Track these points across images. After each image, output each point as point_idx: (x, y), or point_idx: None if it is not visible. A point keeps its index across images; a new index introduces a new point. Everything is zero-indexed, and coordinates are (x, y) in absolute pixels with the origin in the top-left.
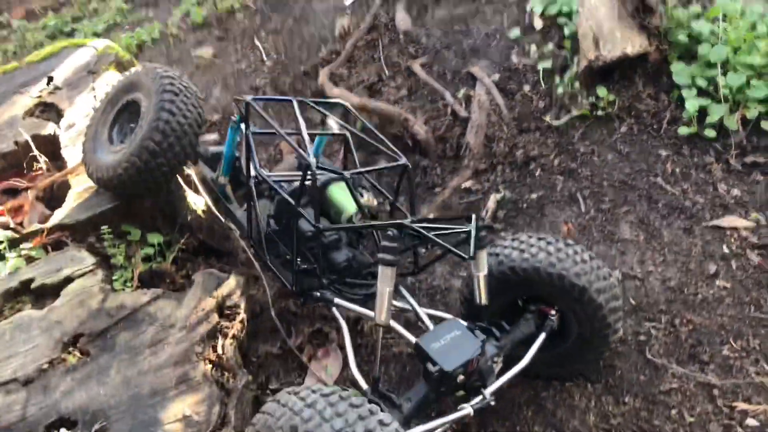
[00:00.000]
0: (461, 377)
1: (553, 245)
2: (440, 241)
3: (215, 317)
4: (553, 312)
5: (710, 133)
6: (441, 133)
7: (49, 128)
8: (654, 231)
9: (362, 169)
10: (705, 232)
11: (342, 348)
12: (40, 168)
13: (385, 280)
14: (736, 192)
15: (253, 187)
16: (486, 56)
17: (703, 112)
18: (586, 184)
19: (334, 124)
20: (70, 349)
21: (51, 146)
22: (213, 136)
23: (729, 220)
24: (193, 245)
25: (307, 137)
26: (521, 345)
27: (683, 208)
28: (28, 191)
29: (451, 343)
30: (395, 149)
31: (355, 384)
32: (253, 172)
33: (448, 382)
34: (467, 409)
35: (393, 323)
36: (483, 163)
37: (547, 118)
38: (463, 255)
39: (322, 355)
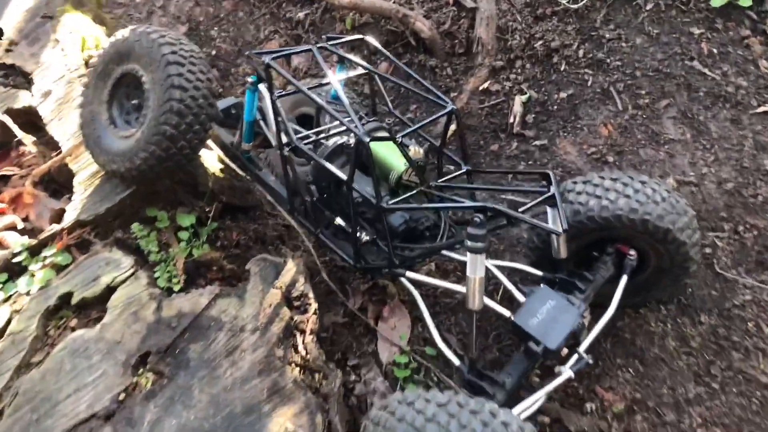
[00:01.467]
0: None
1: (630, 186)
2: (529, 219)
3: (286, 312)
4: (632, 252)
5: (744, 0)
6: (446, 27)
7: (21, 98)
8: (700, 126)
9: (411, 128)
10: (754, 120)
11: (404, 302)
12: (26, 150)
13: (475, 267)
14: None
15: (290, 156)
16: None
17: None
18: (618, 76)
19: (359, 61)
20: (141, 370)
21: (29, 118)
22: None
23: None
24: (218, 209)
25: (345, 100)
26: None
27: (726, 96)
28: (24, 180)
29: (549, 316)
30: (436, 91)
31: (429, 342)
32: (284, 140)
33: (552, 357)
34: (567, 372)
35: (487, 300)
36: (499, 60)
37: (563, 0)
38: (556, 230)
39: (387, 314)
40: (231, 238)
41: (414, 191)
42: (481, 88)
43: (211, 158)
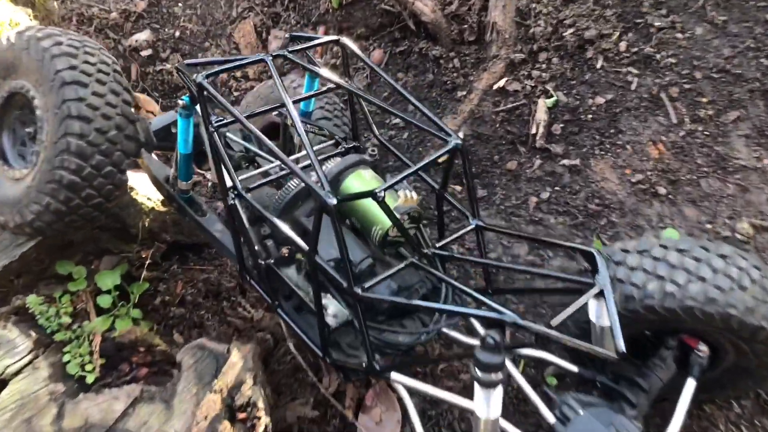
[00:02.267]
0: None
1: (705, 263)
2: (572, 340)
3: (226, 428)
4: (702, 348)
5: None
6: (454, 9)
7: None
8: None
9: (400, 176)
10: None
11: (393, 389)
12: None
13: (487, 405)
14: None
15: (237, 204)
16: None
17: None
18: (671, 77)
19: (329, 75)
20: None
21: None
22: (146, 34)
23: None
24: (161, 251)
25: (305, 139)
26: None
27: None
28: None
29: None
30: (436, 119)
31: None
32: (229, 183)
33: None
34: None
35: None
36: (519, 51)
37: None
38: (610, 354)
39: (371, 403)
40: (174, 293)
41: (402, 265)
42: (495, 87)
43: (147, 186)
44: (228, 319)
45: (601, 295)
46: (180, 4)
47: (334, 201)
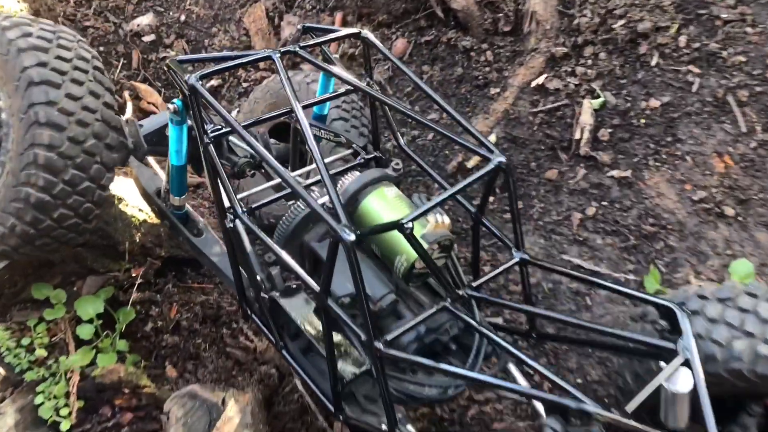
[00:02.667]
0: None
1: None
2: None
3: None
4: None
5: None
6: None
7: None
8: None
9: (433, 202)
10: None
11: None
12: None
13: None
14: None
15: (237, 227)
16: None
17: None
18: (740, 78)
19: (347, 76)
20: None
21: None
22: (149, 18)
23: None
24: (155, 268)
25: (317, 154)
26: None
27: None
28: None
29: None
30: (475, 131)
31: None
32: (227, 203)
33: None
34: None
35: None
36: (561, 44)
37: None
38: None
39: None
40: (167, 317)
41: (434, 310)
42: (533, 84)
43: (138, 197)
44: (227, 350)
45: (685, 364)
46: None
47: (352, 237)
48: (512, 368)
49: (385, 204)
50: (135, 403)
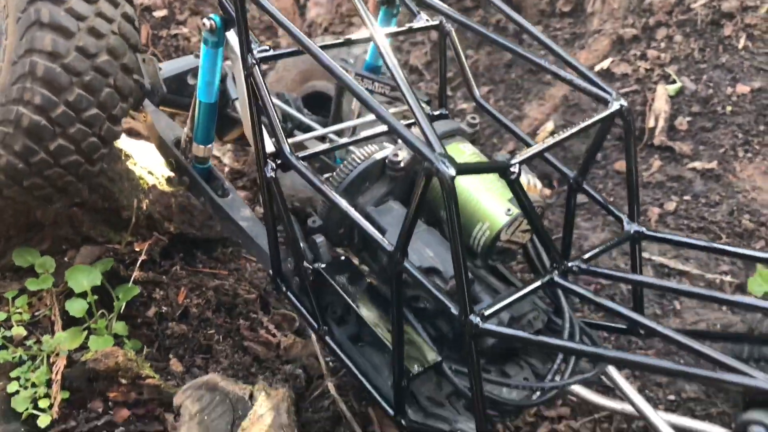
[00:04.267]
0: None
1: None
2: None
3: None
4: None
5: None
6: None
7: None
8: None
9: (540, 147)
10: None
11: None
12: None
13: None
14: None
15: (274, 182)
16: None
17: None
18: None
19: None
20: None
21: None
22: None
23: None
24: (162, 245)
25: (399, 73)
26: None
27: None
28: None
29: None
30: (588, 72)
31: None
32: (270, 148)
33: None
34: None
35: None
36: (630, 25)
37: None
38: None
39: None
40: (175, 303)
41: (539, 283)
42: (598, 69)
43: (152, 163)
44: (245, 344)
45: None
46: None
47: (452, 171)
48: (614, 373)
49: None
50: (134, 398)
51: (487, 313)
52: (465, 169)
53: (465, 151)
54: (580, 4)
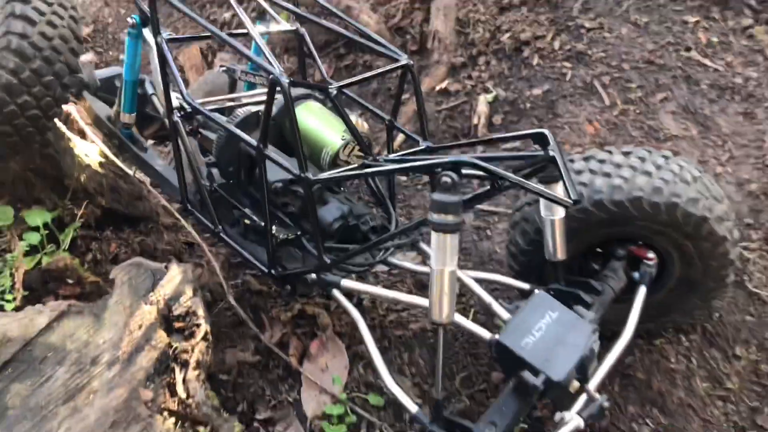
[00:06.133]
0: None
1: (649, 161)
2: (526, 183)
3: (162, 336)
4: (650, 255)
5: None
6: (397, 21)
7: None
8: (706, 121)
9: (351, 79)
10: None
11: (340, 335)
12: None
13: (443, 254)
14: None
15: (180, 124)
16: None
17: None
18: (602, 69)
19: (279, 19)
20: None
21: None
22: (89, 56)
23: None
24: (96, 215)
25: (259, 39)
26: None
27: (735, 88)
28: None
29: (550, 334)
30: (386, 43)
31: (374, 388)
32: (176, 102)
33: (560, 395)
34: (576, 420)
35: (457, 317)
36: (459, 56)
37: None
38: (565, 202)
39: (315, 351)
40: (107, 251)
41: (355, 166)
42: (438, 89)
43: (88, 148)
44: None
45: (553, 165)
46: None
47: (286, 80)
48: (424, 246)
49: (310, 113)
50: (79, 291)
51: (315, 177)
52: (295, 83)
53: (314, 108)
54: (423, 43)
